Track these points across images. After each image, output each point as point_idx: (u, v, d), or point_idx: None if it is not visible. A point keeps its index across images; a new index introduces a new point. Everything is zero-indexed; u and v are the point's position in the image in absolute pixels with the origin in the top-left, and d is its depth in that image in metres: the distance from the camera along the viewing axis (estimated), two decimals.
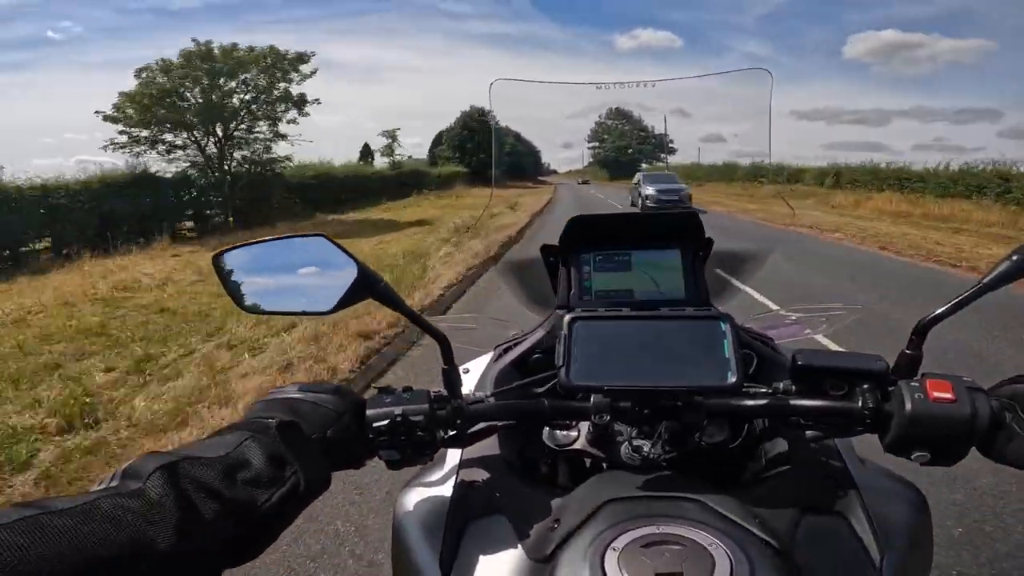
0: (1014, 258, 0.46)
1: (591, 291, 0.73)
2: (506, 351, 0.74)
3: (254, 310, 0.51)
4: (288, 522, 0.39)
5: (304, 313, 0.51)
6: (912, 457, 0.45)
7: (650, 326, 0.51)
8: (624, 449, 0.57)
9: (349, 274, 0.47)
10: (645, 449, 0.56)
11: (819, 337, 0.81)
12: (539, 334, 0.72)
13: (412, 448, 0.48)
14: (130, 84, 12.41)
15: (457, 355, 0.54)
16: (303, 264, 0.50)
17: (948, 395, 0.43)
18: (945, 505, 1.74)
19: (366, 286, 0.48)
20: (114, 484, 0.32)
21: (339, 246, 0.48)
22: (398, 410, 0.47)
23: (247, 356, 3.25)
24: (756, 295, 4.10)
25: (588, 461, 0.61)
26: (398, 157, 28.56)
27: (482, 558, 0.47)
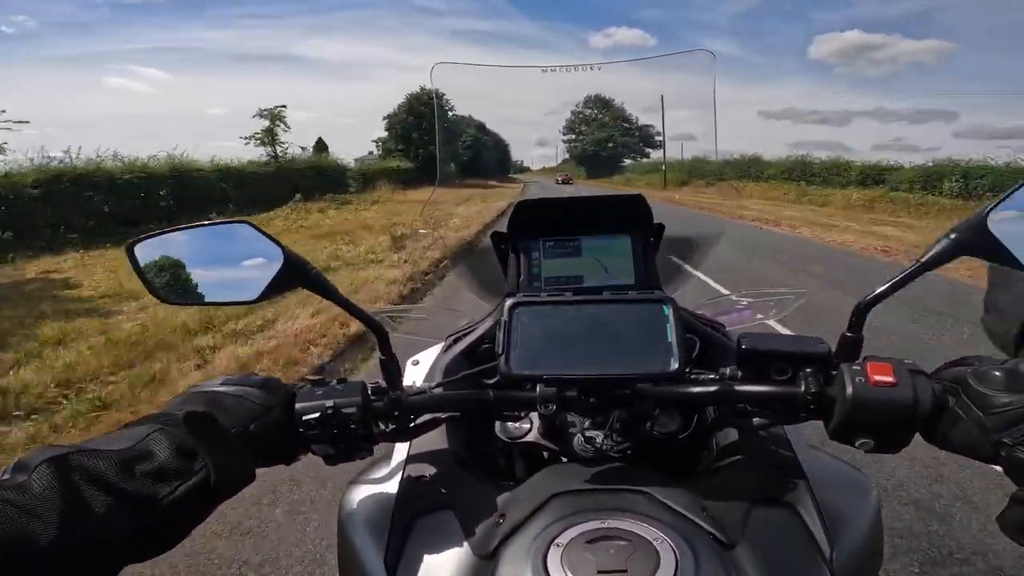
0: (952, 236, 0.52)
1: (540, 278, 0.82)
2: (456, 341, 0.81)
3: (174, 300, 0.56)
4: (200, 516, 0.44)
5: (227, 303, 0.56)
6: (856, 444, 0.50)
7: (592, 311, 0.58)
8: (577, 440, 0.64)
9: (276, 262, 0.53)
10: (598, 440, 0.63)
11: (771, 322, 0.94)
12: (488, 323, 0.79)
13: (346, 442, 0.54)
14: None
15: (410, 346, 0.60)
16: (225, 252, 0.56)
17: (889, 378, 0.48)
18: None
19: (295, 274, 0.54)
20: (6, 477, 0.36)
21: (264, 233, 0.54)
22: (329, 403, 0.52)
23: None
24: (709, 281, 4.62)
25: (546, 453, 0.68)
26: (286, 146, 21.77)
27: (427, 555, 0.52)
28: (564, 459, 0.65)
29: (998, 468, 0.47)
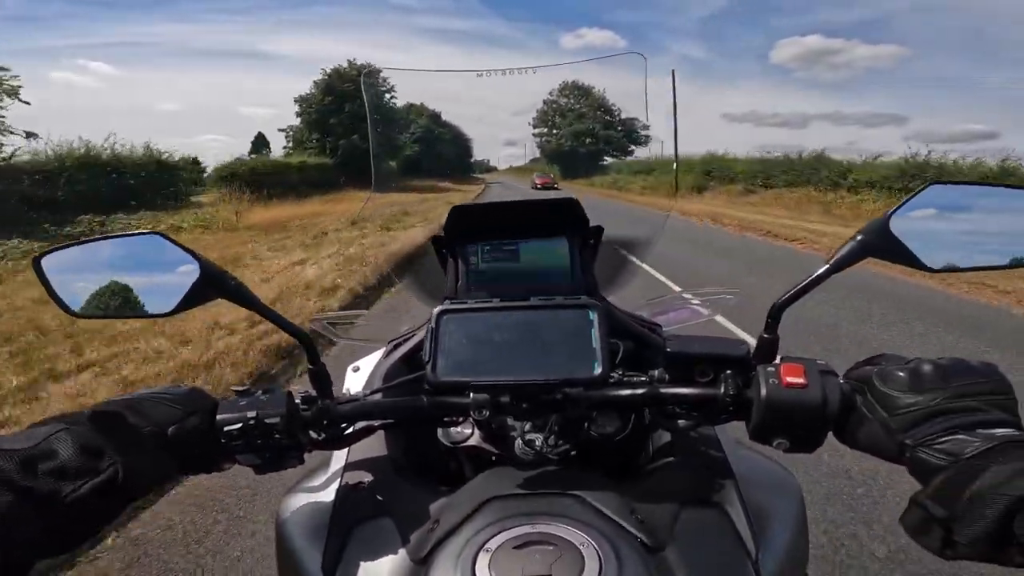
0: (859, 238, 0.62)
1: (478, 282, 0.93)
2: (396, 347, 0.92)
3: (84, 315, 0.63)
4: (109, 515, 0.51)
5: (141, 316, 0.64)
6: (774, 444, 0.58)
7: (520, 317, 0.67)
8: (518, 444, 0.75)
9: (191, 272, 0.61)
10: (537, 443, 0.73)
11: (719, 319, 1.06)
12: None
13: (272, 452, 0.62)
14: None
15: (352, 352, 0.68)
16: (138, 264, 0.63)
17: (800, 380, 0.56)
18: None
19: (212, 284, 0.62)
20: None
21: (178, 243, 0.61)
22: (251, 413, 0.60)
23: None
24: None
25: (493, 456, 0.78)
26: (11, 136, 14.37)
27: (364, 562, 0.61)
28: (510, 462, 0.74)
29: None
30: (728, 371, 0.64)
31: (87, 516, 0.49)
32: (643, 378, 0.69)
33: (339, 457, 0.76)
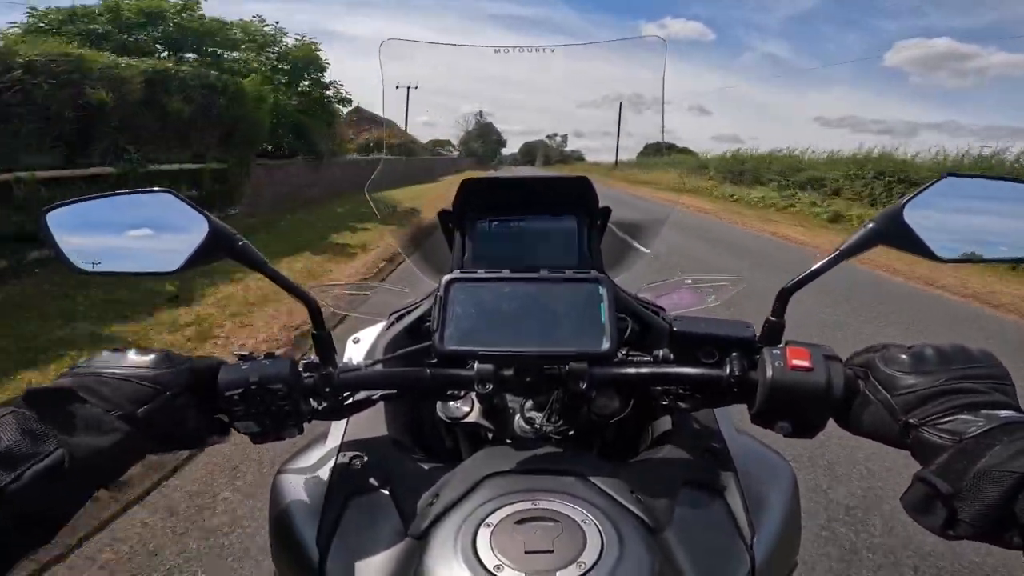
0: (870, 225, 0.62)
1: (485, 256, 0.91)
2: (399, 319, 0.90)
3: (88, 271, 0.61)
4: (69, 503, 0.46)
5: (146, 274, 0.62)
6: (776, 428, 0.58)
7: (529, 289, 0.66)
8: (517, 421, 0.74)
9: (200, 231, 0.59)
10: (537, 422, 0.72)
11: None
12: (432, 301, 0.87)
13: (272, 420, 0.60)
14: None
15: (354, 324, 0.66)
16: (146, 221, 0.61)
17: (805, 363, 0.56)
18: None
19: (220, 244, 0.60)
20: None
21: (188, 202, 0.60)
22: (254, 377, 0.58)
23: None
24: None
25: (490, 434, 0.76)
26: None
27: (360, 534, 0.60)
28: (508, 441, 0.73)
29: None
30: (733, 353, 0.62)
31: (35, 509, 0.43)
32: (647, 358, 0.68)
33: (336, 431, 0.74)
